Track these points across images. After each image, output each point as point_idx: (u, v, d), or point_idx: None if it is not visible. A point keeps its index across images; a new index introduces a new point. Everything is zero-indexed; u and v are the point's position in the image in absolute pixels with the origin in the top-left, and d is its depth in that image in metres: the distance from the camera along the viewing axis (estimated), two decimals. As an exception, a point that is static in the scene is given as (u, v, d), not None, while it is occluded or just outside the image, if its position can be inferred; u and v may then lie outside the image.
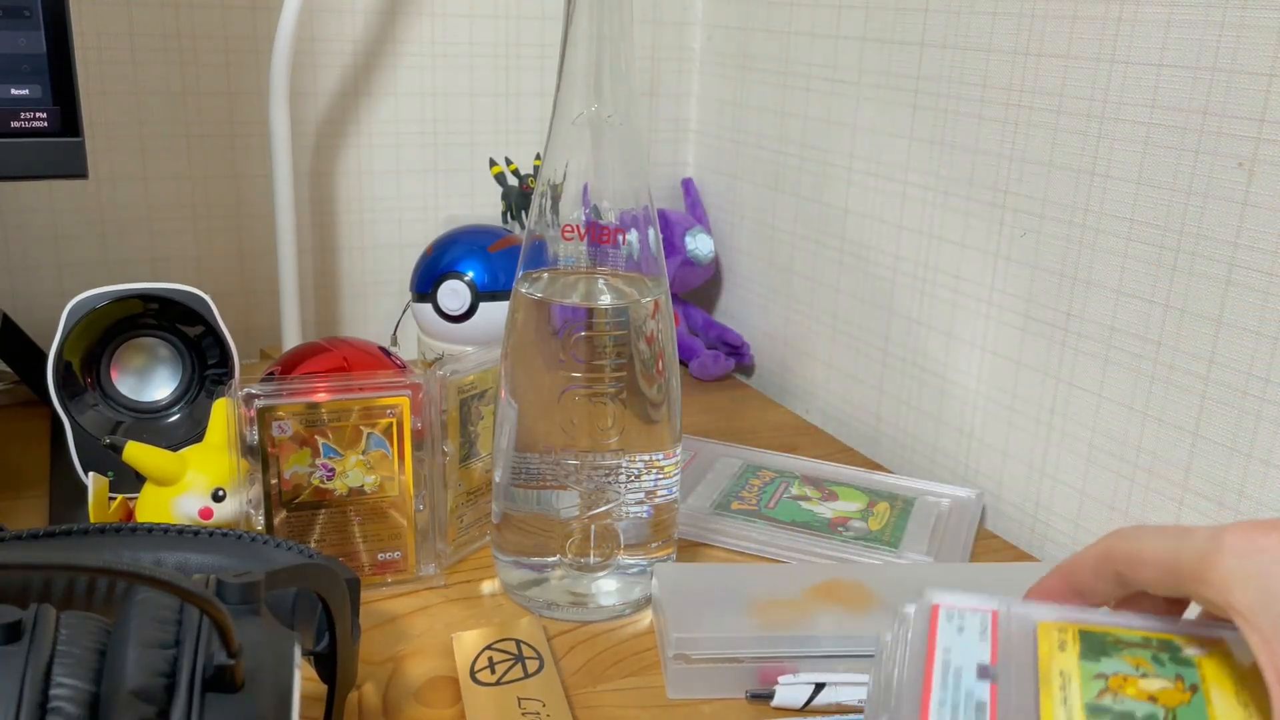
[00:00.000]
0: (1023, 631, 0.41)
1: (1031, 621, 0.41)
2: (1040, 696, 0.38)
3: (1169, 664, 0.38)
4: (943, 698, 0.39)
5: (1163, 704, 0.37)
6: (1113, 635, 0.40)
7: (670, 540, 0.58)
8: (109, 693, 0.28)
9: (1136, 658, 0.39)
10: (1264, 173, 0.54)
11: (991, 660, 0.40)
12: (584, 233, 0.53)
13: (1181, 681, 0.38)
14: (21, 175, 0.59)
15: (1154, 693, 0.37)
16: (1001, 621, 0.42)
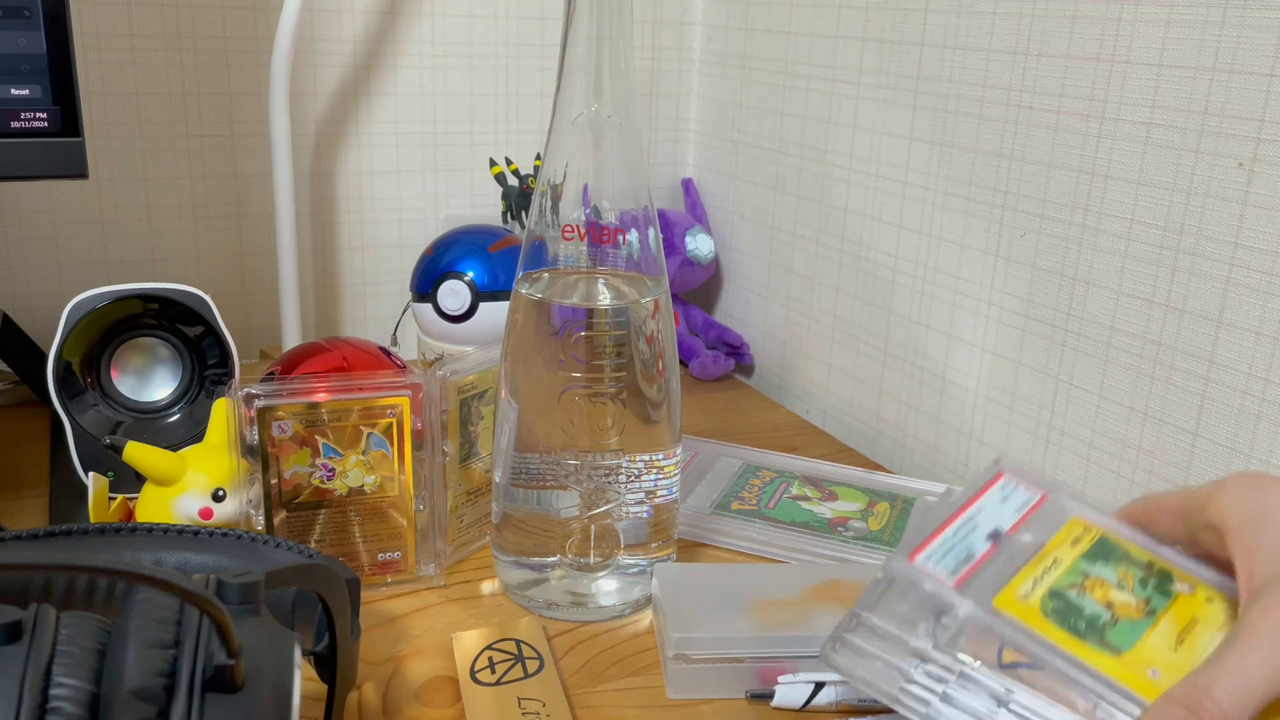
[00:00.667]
0: (1054, 518, 0.44)
1: (1067, 513, 0.45)
2: (1021, 569, 0.42)
3: (1150, 588, 0.42)
4: (944, 541, 0.42)
5: (1113, 613, 0.40)
6: (1124, 549, 0.43)
7: (670, 540, 0.58)
8: (109, 693, 0.28)
9: (1127, 572, 0.42)
10: (1264, 173, 0.54)
11: (1009, 530, 0.44)
12: (584, 233, 0.53)
13: (1145, 604, 0.41)
14: (21, 175, 0.59)
15: (1114, 602, 0.41)
16: (1043, 504, 0.45)
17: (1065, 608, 0.41)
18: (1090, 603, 0.41)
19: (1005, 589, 0.41)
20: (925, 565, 0.42)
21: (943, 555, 0.42)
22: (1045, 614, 0.40)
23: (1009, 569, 0.42)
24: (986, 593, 0.41)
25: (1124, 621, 0.40)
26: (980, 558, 0.43)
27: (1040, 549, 0.43)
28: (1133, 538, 0.44)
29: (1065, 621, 0.40)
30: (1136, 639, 0.40)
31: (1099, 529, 0.44)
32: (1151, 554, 0.43)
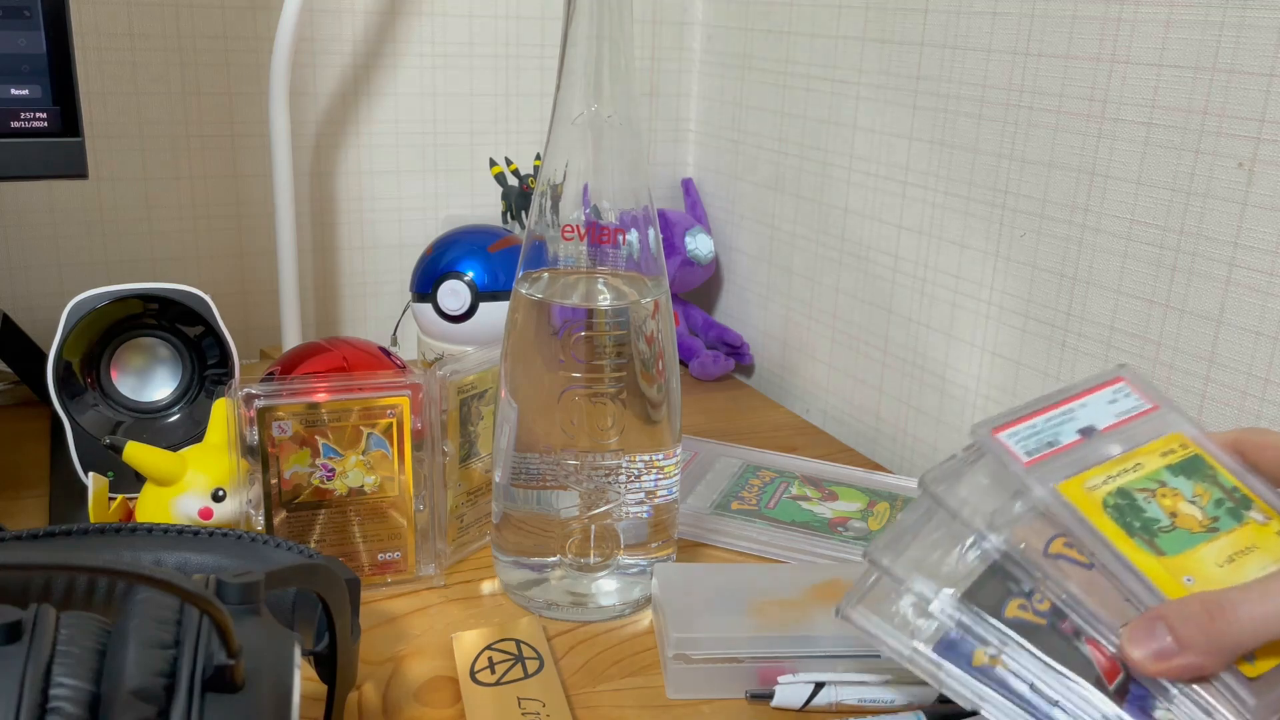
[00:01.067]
0: (1155, 429, 0.45)
1: (1170, 427, 0.45)
2: (1099, 465, 0.42)
3: (1221, 509, 0.42)
4: (1033, 426, 0.43)
5: (1173, 522, 0.41)
6: (1214, 470, 0.43)
7: (670, 540, 0.58)
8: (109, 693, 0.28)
9: (1206, 491, 0.42)
10: (1264, 173, 0.54)
11: (1104, 429, 0.44)
12: (584, 233, 0.53)
13: (1211, 521, 0.41)
14: (21, 175, 0.59)
15: (1179, 513, 0.41)
16: (1149, 415, 0.45)
17: (1127, 507, 0.41)
18: (1155, 508, 0.41)
19: (1075, 479, 0.41)
20: (1006, 441, 0.42)
21: (1027, 437, 0.43)
22: (1104, 508, 0.40)
23: (1087, 463, 0.42)
24: (1054, 477, 0.41)
25: (1181, 531, 0.40)
26: (1063, 447, 0.43)
27: (1127, 452, 0.43)
28: (1229, 464, 0.44)
29: (1121, 518, 0.40)
30: (1186, 549, 0.40)
31: (1196, 448, 0.44)
32: (1241, 481, 0.43)
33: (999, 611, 0.40)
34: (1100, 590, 0.39)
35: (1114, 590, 0.39)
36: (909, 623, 0.41)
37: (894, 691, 0.49)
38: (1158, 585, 0.38)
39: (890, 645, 0.41)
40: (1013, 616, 0.40)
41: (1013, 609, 0.40)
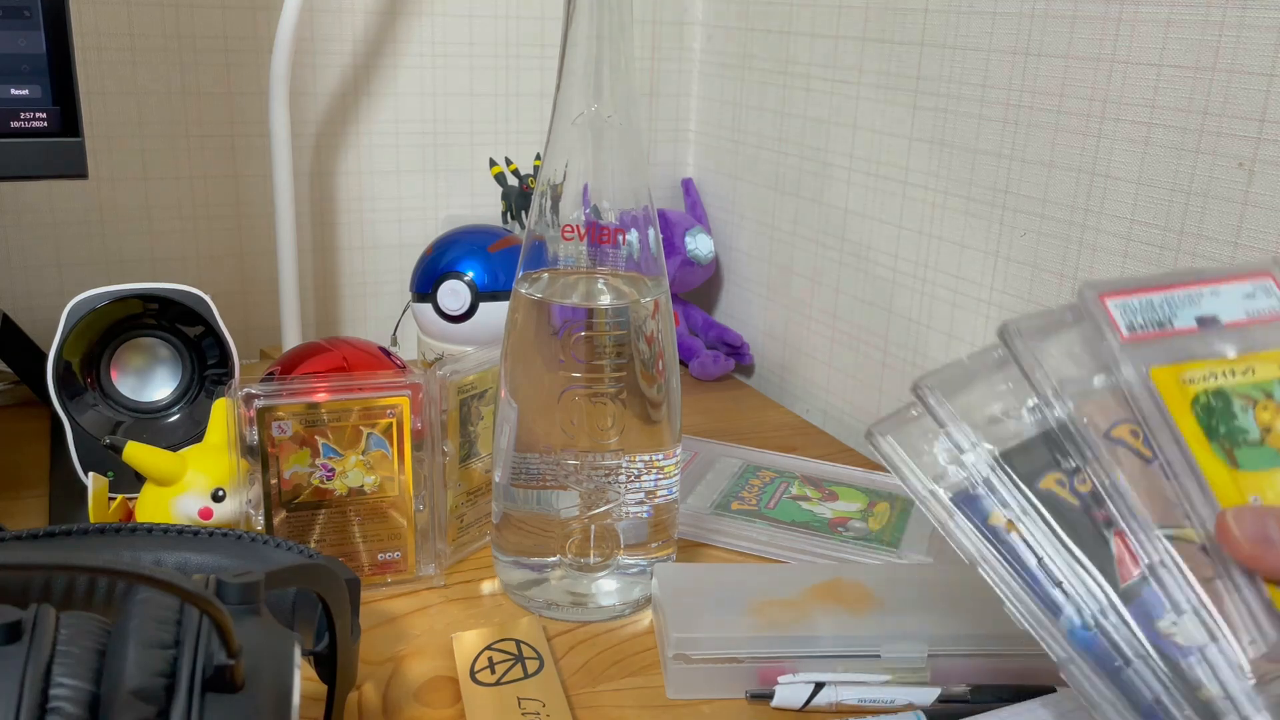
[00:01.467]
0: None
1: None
2: (1207, 360, 0.38)
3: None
4: (1152, 300, 0.39)
5: (1263, 437, 0.37)
6: None
7: (670, 540, 0.58)
8: (109, 693, 0.28)
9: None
10: (1264, 173, 0.54)
11: (1227, 323, 0.40)
12: (584, 233, 0.53)
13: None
14: (21, 175, 0.59)
15: (1273, 429, 0.38)
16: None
17: (1220, 410, 0.37)
18: (1249, 418, 0.38)
19: (1173, 366, 0.38)
20: (1112, 308, 0.38)
21: (1137, 310, 0.39)
22: (1194, 405, 0.37)
23: (1193, 353, 0.38)
24: (1151, 360, 0.38)
25: (1267, 449, 0.37)
26: (1173, 331, 0.39)
27: (1244, 354, 0.39)
28: None
29: (1208, 419, 0.37)
30: (1265, 468, 0.37)
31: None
32: None
33: (1033, 480, 0.37)
34: (1150, 488, 0.37)
35: (1166, 492, 0.36)
36: (936, 465, 0.39)
37: (894, 691, 0.49)
38: (1218, 495, 0.36)
39: (909, 480, 0.39)
40: (1046, 489, 0.37)
41: (1049, 481, 0.38)
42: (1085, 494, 0.37)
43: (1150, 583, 0.36)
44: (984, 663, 0.50)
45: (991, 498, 0.38)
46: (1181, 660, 0.35)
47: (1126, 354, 0.38)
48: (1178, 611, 0.35)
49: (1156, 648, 0.35)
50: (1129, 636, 0.36)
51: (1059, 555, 0.37)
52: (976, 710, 0.46)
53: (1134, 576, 0.36)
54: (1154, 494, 0.36)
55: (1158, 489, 0.37)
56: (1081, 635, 0.36)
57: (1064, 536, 0.37)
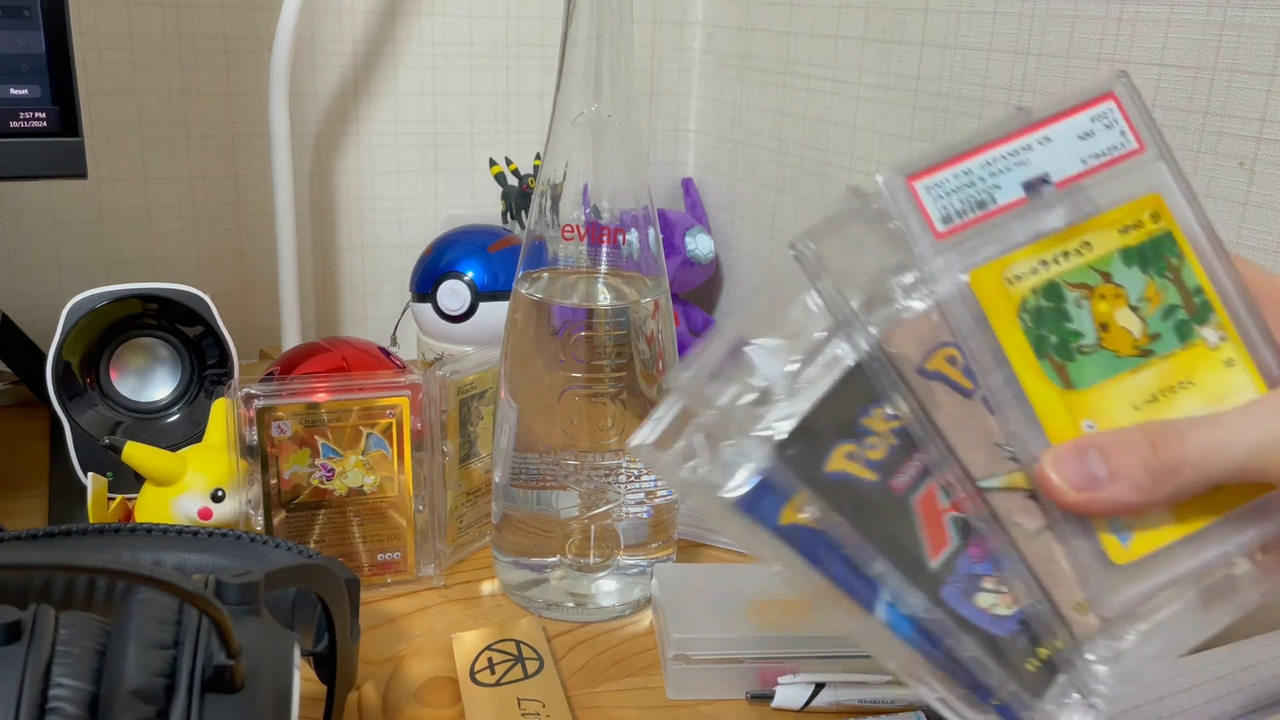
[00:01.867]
0: (1127, 187, 0.34)
1: (1150, 185, 0.34)
2: (1035, 243, 0.33)
3: (1168, 322, 0.33)
4: (970, 170, 0.33)
5: (1099, 339, 0.33)
6: (1184, 260, 0.34)
7: (670, 540, 0.58)
8: (108, 693, 0.28)
9: (1161, 291, 0.33)
10: (1265, 172, 0.54)
11: (1059, 181, 0.33)
12: (584, 233, 0.52)
13: (1147, 340, 0.33)
14: (21, 175, 0.59)
15: (1112, 325, 0.33)
16: (1130, 160, 0.34)
17: (1051, 311, 0.33)
18: (1084, 316, 0.33)
19: (996, 262, 0.32)
20: (923, 195, 0.33)
21: (953, 190, 0.33)
22: (1021, 312, 0.32)
23: (1020, 237, 0.33)
24: (970, 260, 0.32)
25: (1104, 353, 0.33)
26: (997, 210, 0.33)
27: (1078, 224, 0.33)
28: (1207, 257, 0.34)
29: (1037, 328, 0.32)
30: (1101, 379, 0.32)
31: (1170, 222, 0.34)
32: (1212, 280, 0.33)
33: (819, 464, 0.32)
34: (973, 429, 0.32)
35: (991, 430, 0.32)
36: (705, 466, 0.33)
37: (894, 692, 0.49)
38: (1047, 428, 0.32)
39: (684, 494, 0.34)
40: (836, 470, 0.32)
41: (838, 460, 0.32)
42: (880, 461, 0.32)
43: (959, 556, 0.32)
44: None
45: (776, 495, 0.32)
46: (1004, 634, 0.32)
47: (944, 258, 0.32)
48: (1000, 574, 0.32)
49: (978, 629, 0.32)
50: (948, 624, 0.32)
51: (861, 550, 0.32)
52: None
53: (945, 549, 0.32)
54: (976, 436, 0.32)
55: (981, 429, 0.32)
56: (902, 626, 0.32)
57: (862, 532, 0.32)
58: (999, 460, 0.32)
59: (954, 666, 0.33)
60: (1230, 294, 0.33)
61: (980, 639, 0.32)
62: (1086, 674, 0.32)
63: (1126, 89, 0.34)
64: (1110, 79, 0.34)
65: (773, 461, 0.32)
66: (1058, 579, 0.32)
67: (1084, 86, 0.34)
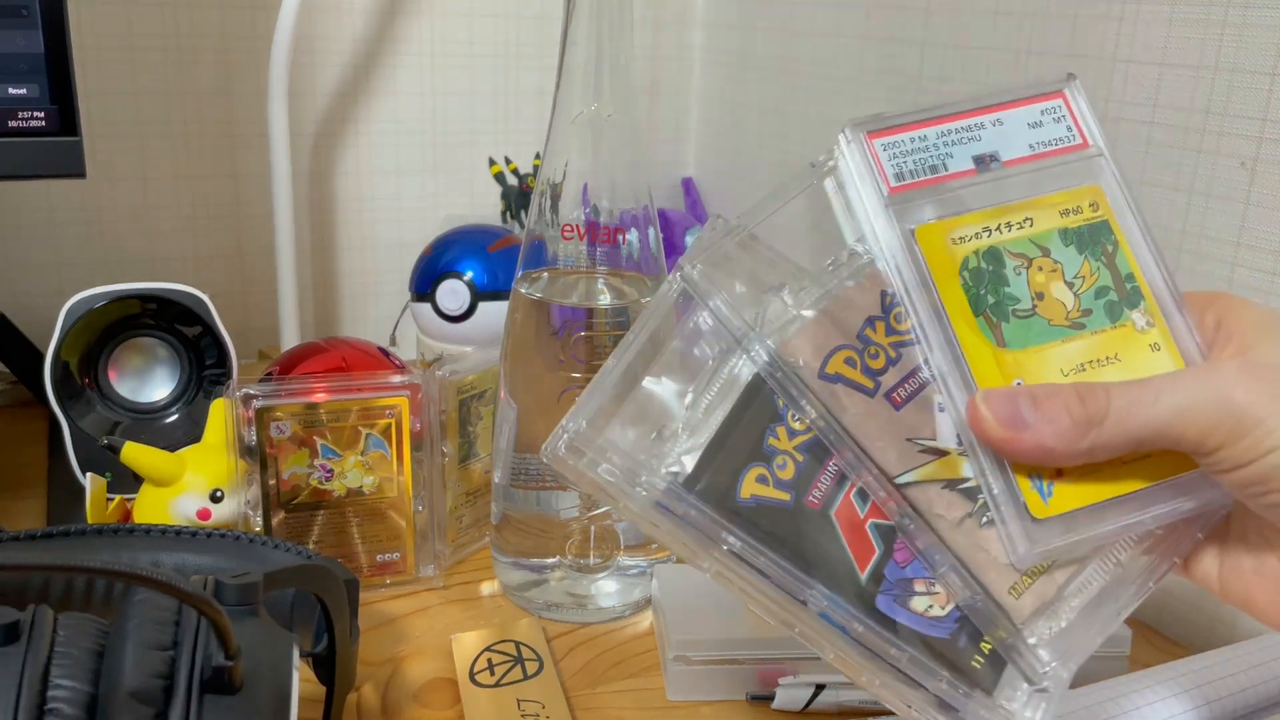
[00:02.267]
0: (1068, 175, 0.35)
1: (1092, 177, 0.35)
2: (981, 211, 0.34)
3: (1100, 301, 0.34)
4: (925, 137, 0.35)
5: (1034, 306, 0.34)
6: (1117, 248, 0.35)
7: (670, 541, 0.58)
8: (107, 694, 0.28)
9: (1095, 273, 0.35)
10: (1266, 172, 0.54)
11: (1007, 160, 0.35)
12: (584, 232, 0.52)
13: (1079, 315, 0.34)
14: (19, 175, 0.59)
15: (1047, 295, 0.34)
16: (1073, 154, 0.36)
17: (990, 274, 0.34)
18: (1020, 284, 0.34)
19: (943, 222, 0.34)
20: (880, 151, 0.34)
21: (908, 153, 0.34)
22: (961, 270, 0.33)
23: (966, 204, 0.34)
24: (918, 216, 0.34)
25: (1038, 320, 0.34)
26: (948, 176, 0.34)
27: (1022, 201, 0.35)
28: (1139, 249, 0.35)
29: (976, 287, 0.34)
30: (1033, 344, 0.33)
31: (1108, 212, 0.35)
32: (1143, 270, 0.35)
33: (732, 494, 0.33)
34: (881, 426, 0.33)
35: (898, 424, 0.33)
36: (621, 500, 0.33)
37: (895, 693, 0.49)
38: (979, 379, 0.33)
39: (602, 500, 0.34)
40: (749, 496, 0.33)
41: (749, 485, 0.33)
42: (790, 481, 0.33)
43: (887, 564, 0.33)
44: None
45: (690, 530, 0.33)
46: (944, 635, 0.33)
47: (891, 210, 0.34)
48: (931, 573, 0.33)
49: (917, 634, 0.33)
50: (885, 639, 0.33)
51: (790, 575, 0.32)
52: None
53: (871, 560, 0.33)
54: (886, 434, 0.33)
55: (889, 426, 0.33)
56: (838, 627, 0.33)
57: (780, 562, 0.32)
58: (912, 455, 0.33)
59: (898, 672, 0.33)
60: (1159, 285, 0.35)
61: (921, 644, 0.33)
62: (1031, 658, 0.33)
63: (1075, 90, 0.36)
64: (1061, 79, 0.37)
65: (682, 499, 0.32)
66: (987, 566, 0.33)
67: (1036, 80, 0.36)
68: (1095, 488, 0.33)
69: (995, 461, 0.33)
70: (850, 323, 0.34)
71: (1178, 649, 0.56)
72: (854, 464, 0.33)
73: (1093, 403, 0.31)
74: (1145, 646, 0.55)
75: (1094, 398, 0.31)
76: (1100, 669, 0.50)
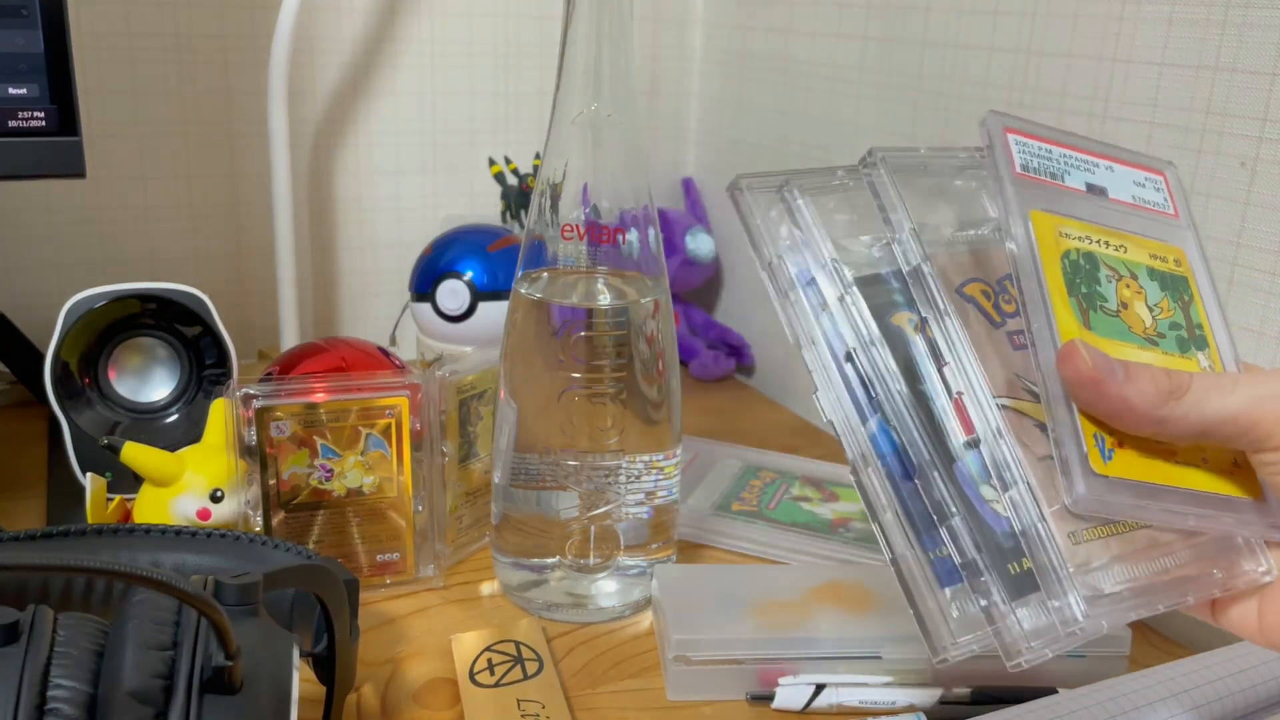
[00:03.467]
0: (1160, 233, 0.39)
1: (1177, 241, 0.40)
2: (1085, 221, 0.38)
3: (1173, 334, 0.37)
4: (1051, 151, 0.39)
5: (1118, 310, 0.37)
6: (1191, 300, 0.39)
7: (670, 541, 0.58)
8: (107, 694, 0.28)
9: (1171, 309, 0.38)
10: (1266, 172, 0.54)
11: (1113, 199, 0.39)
12: (584, 232, 0.52)
13: (1155, 334, 0.37)
14: (19, 175, 0.59)
15: (1130, 307, 0.37)
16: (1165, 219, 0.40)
17: (1086, 271, 0.37)
18: (1110, 290, 0.37)
19: (1054, 216, 0.37)
20: (1012, 144, 0.38)
21: (1035, 154, 0.38)
22: (1063, 257, 0.36)
23: (1076, 213, 0.38)
24: (1034, 202, 0.37)
25: (1119, 322, 0.37)
26: (1063, 186, 0.38)
27: (1121, 231, 0.38)
28: (1213, 306, 0.39)
29: (1072, 276, 0.36)
30: (1114, 337, 0.36)
31: (1188, 272, 0.39)
32: (1212, 325, 0.39)
33: (883, 315, 0.36)
34: (995, 354, 0.35)
35: (1011, 361, 0.35)
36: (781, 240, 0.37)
37: (895, 693, 0.49)
38: (1063, 337, 0.35)
39: (759, 242, 0.37)
40: (897, 325, 0.36)
41: (900, 319, 0.36)
42: None
43: (977, 453, 0.35)
44: (985, 664, 0.50)
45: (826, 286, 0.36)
46: (999, 530, 0.34)
47: (1014, 186, 0.37)
48: (1004, 486, 0.34)
49: (977, 511, 0.34)
50: (948, 494, 0.35)
51: (889, 381, 0.35)
52: (978, 712, 0.46)
53: (969, 437, 0.35)
54: (999, 362, 0.35)
55: (1003, 356, 0.35)
56: (883, 441, 0.35)
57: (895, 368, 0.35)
58: (1017, 388, 0.35)
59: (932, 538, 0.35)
60: (1225, 345, 0.39)
61: (977, 521, 0.34)
62: (1066, 602, 0.34)
63: (1173, 174, 0.42)
64: (1164, 162, 0.42)
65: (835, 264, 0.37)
66: (1054, 502, 0.34)
67: (1144, 153, 0.42)
68: (1153, 468, 0.35)
69: (1068, 408, 0.34)
70: (993, 269, 0.37)
71: (1178, 649, 0.56)
72: (961, 373, 0.35)
73: (1176, 378, 0.34)
74: (1145, 646, 0.55)
75: (1178, 375, 0.34)
76: (1100, 669, 0.50)
